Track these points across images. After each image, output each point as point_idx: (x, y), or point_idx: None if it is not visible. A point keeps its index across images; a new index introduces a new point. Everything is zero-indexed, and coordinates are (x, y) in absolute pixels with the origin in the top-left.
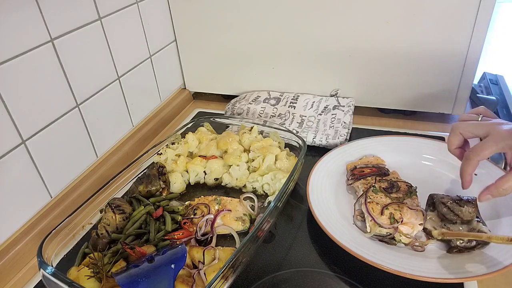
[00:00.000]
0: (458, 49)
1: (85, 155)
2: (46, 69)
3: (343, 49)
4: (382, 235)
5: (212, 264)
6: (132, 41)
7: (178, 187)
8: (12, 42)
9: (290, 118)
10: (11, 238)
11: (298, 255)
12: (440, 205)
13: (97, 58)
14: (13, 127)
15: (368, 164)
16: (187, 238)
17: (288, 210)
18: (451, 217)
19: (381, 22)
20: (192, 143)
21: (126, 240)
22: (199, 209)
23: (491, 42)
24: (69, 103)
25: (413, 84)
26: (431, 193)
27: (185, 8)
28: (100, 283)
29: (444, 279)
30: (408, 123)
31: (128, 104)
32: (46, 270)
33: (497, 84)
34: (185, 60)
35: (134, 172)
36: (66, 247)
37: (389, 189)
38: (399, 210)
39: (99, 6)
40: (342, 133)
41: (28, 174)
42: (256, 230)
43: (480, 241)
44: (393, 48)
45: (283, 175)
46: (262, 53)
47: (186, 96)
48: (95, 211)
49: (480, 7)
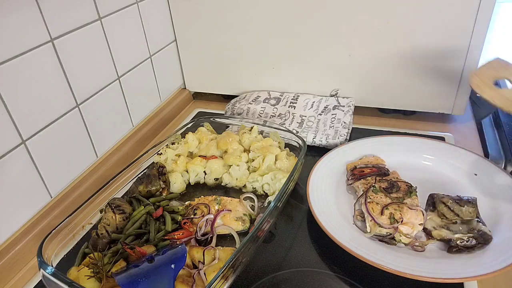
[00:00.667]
0: (458, 49)
1: (85, 155)
2: (46, 69)
3: (343, 49)
4: (382, 235)
5: (212, 264)
6: (132, 41)
7: (178, 187)
8: (12, 42)
9: (290, 118)
10: (11, 238)
11: (298, 255)
12: (440, 205)
13: (97, 58)
14: (13, 127)
15: (368, 164)
16: (187, 238)
17: (288, 210)
18: (451, 216)
19: (381, 22)
20: (192, 143)
21: (126, 240)
22: (199, 209)
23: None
24: (69, 103)
25: (413, 84)
26: (431, 193)
27: (185, 8)
28: (100, 283)
29: (444, 279)
30: (408, 123)
31: (128, 104)
32: (46, 270)
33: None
34: (185, 60)
35: (134, 172)
36: (66, 247)
37: (389, 189)
38: (399, 210)
39: (99, 6)
40: (342, 133)
41: (28, 174)
42: (256, 230)
43: (480, 241)
44: (393, 48)
45: (283, 175)
46: (262, 53)
47: (186, 96)
48: (95, 211)
49: (480, 7)
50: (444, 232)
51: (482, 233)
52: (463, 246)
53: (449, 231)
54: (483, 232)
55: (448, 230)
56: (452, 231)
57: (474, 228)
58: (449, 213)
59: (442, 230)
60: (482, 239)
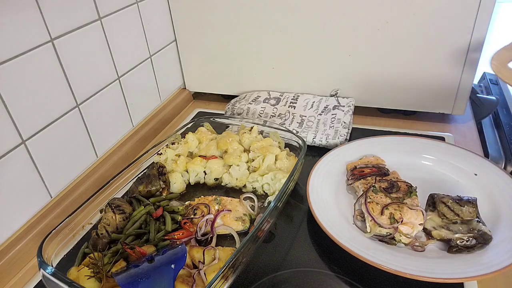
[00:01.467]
0: (458, 49)
1: (85, 155)
2: (46, 69)
3: (343, 49)
4: (382, 235)
5: (212, 264)
6: (132, 41)
7: (178, 187)
8: (12, 42)
9: (290, 118)
10: (11, 238)
11: (298, 255)
12: (440, 204)
13: (97, 58)
14: (13, 127)
15: (368, 164)
16: (187, 238)
17: (288, 210)
18: (451, 216)
19: (381, 22)
20: (192, 143)
21: (126, 240)
22: (199, 209)
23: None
24: (69, 103)
25: (413, 84)
26: (431, 193)
27: (185, 8)
28: (100, 283)
29: (444, 279)
30: (408, 123)
31: (128, 104)
32: (46, 270)
33: (497, 84)
34: (185, 60)
35: (134, 172)
36: (66, 247)
37: (389, 189)
38: (399, 210)
39: (99, 6)
40: (342, 133)
41: (28, 174)
42: (256, 230)
43: (480, 241)
44: (393, 48)
45: (283, 175)
46: (262, 53)
47: (186, 96)
48: (95, 211)
49: (480, 7)
50: (444, 232)
51: (482, 233)
52: (463, 246)
53: (449, 231)
54: (483, 232)
55: (448, 230)
56: (452, 231)
57: (474, 228)
58: (449, 213)
59: (442, 230)
60: (482, 239)
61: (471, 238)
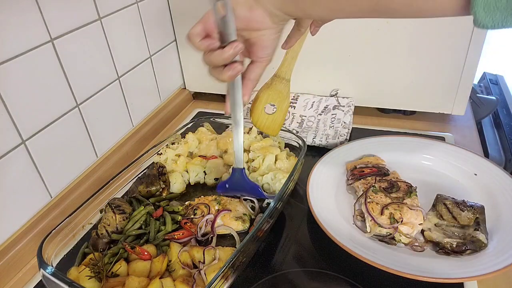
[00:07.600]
0: (458, 49)
1: (85, 155)
2: (46, 69)
3: (343, 49)
4: (382, 235)
5: (212, 264)
6: (132, 41)
7: (178, 187)
8: (12, 42)
9: (290, 118)
10: (11, 238)
11: (298, 255)
12: (440, 205)
13: (97, 58)
14: (13, 127)
15: (368, 164)
16: (187, 238)
17: (288, 210)
18: (448, 218)
19: (381, 22)
20: (192, 143)
21: (126, 240)
22: (199, 209)
23: (491, 42)
24: (69, 103)
25: (413, 84)
26: (437, 193)
27: (185, 8)
28: (100, 283)
29: (444, 279)
30: (408, 123)
31: (128, 104)
32: (46, 270)
33: (497, 84)
34: (185, 60)
35: (134, 172)
36: (66, 247)
37: (389, 189)
38: (399, 210)
39: (99, 6)
40: (342, 133)
41: (28, 174)
42: (256, 230)
43: (470, 247)
44: (393, 48)
45: (283, 175)
46: None
47: (186, 96)
48: (95, 211)
49: None
50: (435, 235)
51: (476, 240)
52: (451, 250)
53: (441, 234)
54: (477, 239)
55: (441, 233)
56: (446, 234)
57: (470, 234)
58: (446, 215)
59: (434, 232)
60: (473, 246)
61: (460, 243)
